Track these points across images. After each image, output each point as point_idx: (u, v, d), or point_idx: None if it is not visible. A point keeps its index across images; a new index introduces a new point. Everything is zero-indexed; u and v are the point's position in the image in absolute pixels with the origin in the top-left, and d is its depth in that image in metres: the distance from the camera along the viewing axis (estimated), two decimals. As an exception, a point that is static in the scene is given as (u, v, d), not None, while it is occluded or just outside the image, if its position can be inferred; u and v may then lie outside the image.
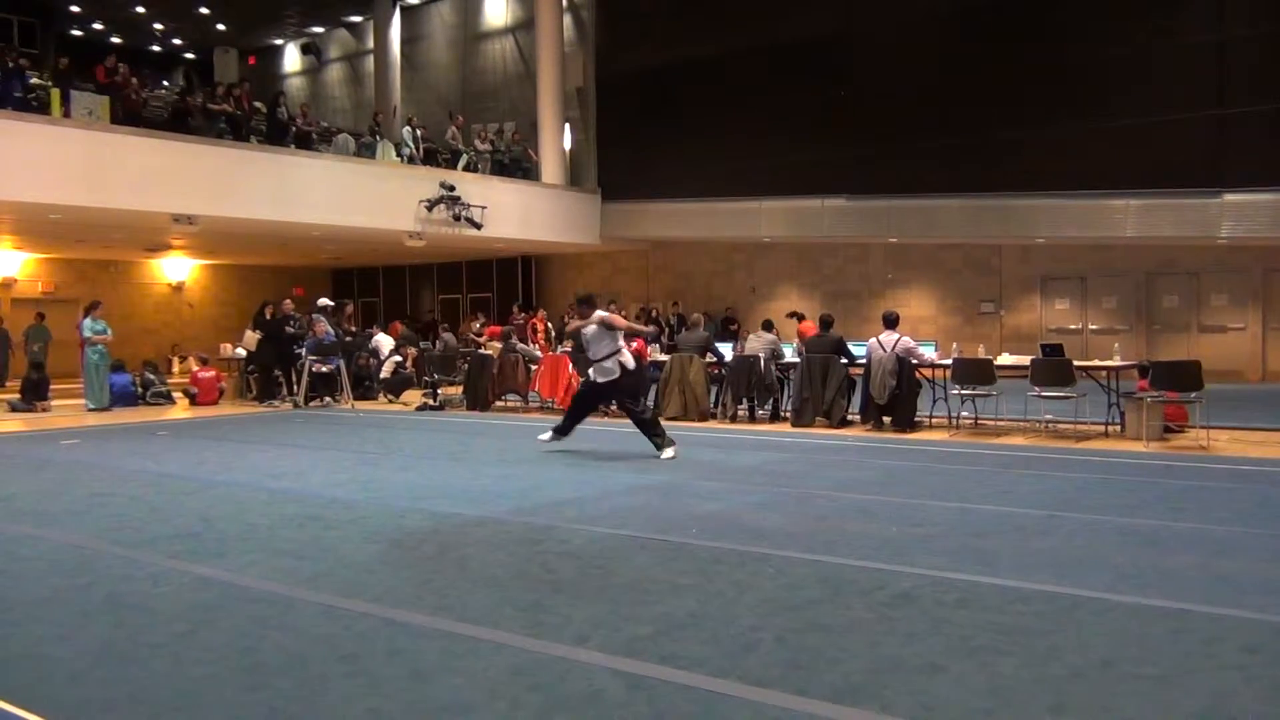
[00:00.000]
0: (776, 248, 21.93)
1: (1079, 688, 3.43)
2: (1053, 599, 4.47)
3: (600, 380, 9.48)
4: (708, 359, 12.85)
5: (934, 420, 11.68)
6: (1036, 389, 10.57)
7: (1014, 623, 4.12)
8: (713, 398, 12.92)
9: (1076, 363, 10.77)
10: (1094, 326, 18.85)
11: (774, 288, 22.28)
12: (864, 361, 11.38)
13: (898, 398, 11.08)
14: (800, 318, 16.31)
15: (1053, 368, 10.50)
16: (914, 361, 11.11)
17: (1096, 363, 11.56)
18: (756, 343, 12.54)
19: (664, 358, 13.59)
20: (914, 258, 20.48)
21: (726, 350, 13.12)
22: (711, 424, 12.28)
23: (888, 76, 18.66)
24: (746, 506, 6.78)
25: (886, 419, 11.28)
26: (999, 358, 11.65)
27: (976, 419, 11.63)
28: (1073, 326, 18.97)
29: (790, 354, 12.72)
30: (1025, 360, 11.09)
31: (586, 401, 9.92)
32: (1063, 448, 9.76)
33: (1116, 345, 12.27)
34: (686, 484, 7.76)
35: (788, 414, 12.30)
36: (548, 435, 9.87)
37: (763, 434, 11.28)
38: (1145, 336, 18.17)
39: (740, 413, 12.72)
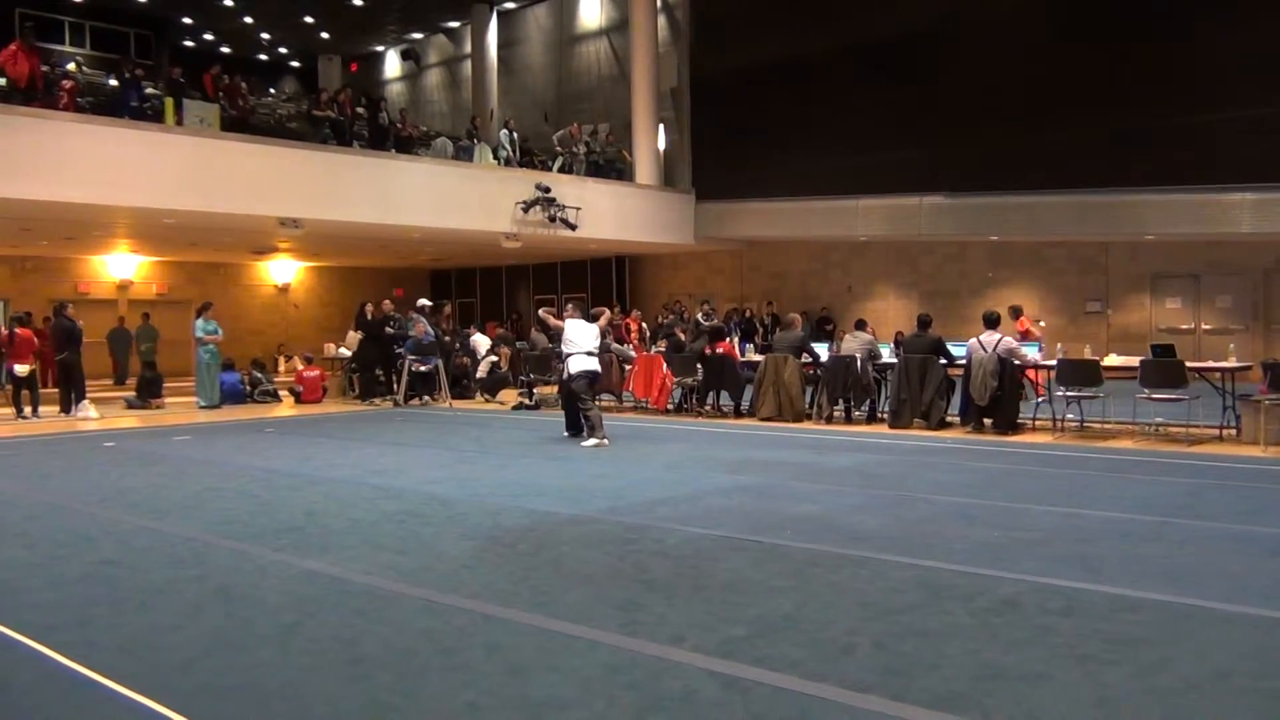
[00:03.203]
0: (873, 246, 21.61)
1: (1192, 700, 3.31)
2: (1164, 608, 4.31)
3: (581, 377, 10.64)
4: (803, 359, 12.74)
5: (1037, 423, 11.38)
6: (1146, 391, 10.24)
7: (1123, 632, 3.99)
8: (808, 398, 12.80)
9: (1189, 364, 10.39)
10: (1207, 326, 18.13)
11: (870, 287, 21.96)
12: (963, 362, 11.16)
13: (999, 399, 10.83)
14: (1018, 314, 14.01)
15: (1163, 369, 10.15)
16: (1016, 362, 10.85)
17: (1210, 364, 11.12)
18: (853, 343, 12.37)
19: (758, 358, 13.51)
20: (1015, 255, 19.97)
21: (822, 350, 12.99)
22: (807, 425, 12.16)
23: (988, 71, 18.21)
24: (843, 508, 6.70)
25: (987, 421, 11.04)
26: (1106, 358, 11.31)
27: (1082, 422, 11.29)
28: (1184, 326, 18.27)
29: (887, 354, 12.54)
30: (1134, 361, 10.74)
31: (574, 398, 10.82)
32: (1174, 452, 9.41)
33: (1232, 345, 11.79)
34: (781, 485, 7.70)
35: (884, 415, 12.13)
36: (591, 442, 10.24)
37: (859, 435, 11.14)
38: (1263, 336, 17.40)
39: (836, 414, 12.57)
